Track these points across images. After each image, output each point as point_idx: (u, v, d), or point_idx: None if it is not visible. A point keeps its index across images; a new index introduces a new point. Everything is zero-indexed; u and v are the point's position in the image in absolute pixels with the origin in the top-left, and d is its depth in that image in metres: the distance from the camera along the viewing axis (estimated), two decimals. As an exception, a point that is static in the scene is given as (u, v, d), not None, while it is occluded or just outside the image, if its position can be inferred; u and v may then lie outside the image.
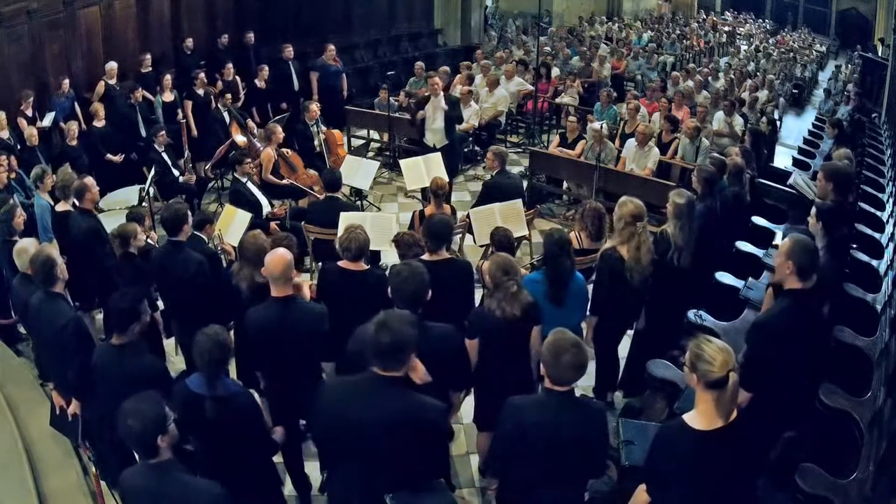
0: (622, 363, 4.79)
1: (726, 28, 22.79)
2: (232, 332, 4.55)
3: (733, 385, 2.44)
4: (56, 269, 3.72)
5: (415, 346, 2.63)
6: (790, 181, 6.40)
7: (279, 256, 3.45)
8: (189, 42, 9.77)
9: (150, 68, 9.08)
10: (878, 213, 6.00)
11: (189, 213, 4.62)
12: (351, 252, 3.81)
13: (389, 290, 3.16)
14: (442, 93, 8.14)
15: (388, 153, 9.80)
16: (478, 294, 4.56)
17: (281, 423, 3.59)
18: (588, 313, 4.31)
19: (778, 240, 5.45)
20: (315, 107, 8.50)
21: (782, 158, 9.35)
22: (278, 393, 3.68)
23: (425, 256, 4.00)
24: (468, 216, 5.84)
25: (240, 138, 8.14)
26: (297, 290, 3.67)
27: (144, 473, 2.55)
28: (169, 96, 8.68)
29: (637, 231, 4.17)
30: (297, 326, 3.44)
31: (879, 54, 14.70)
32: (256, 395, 4.21)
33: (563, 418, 2.69)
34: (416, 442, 2.64)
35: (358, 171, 7.19)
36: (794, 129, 12.52)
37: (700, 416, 2.50)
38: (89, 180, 5.22)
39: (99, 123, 7.84)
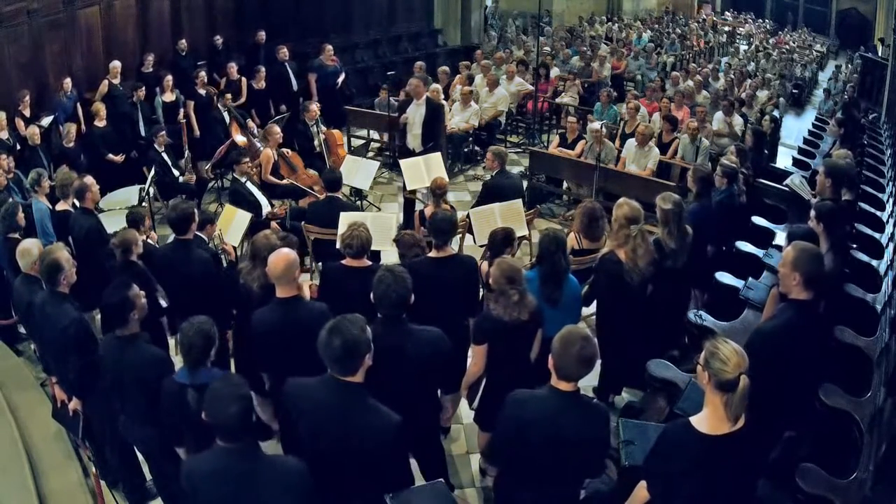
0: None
1: (726, 28, 22.79)
2: (230, 333, 4.58)
3: (743, 390, 2.40)
4: (60, 276, 3.71)
5: (368, 349, 2.63)
6: (786, 181, 6.37)
7: (282, 256, 3.45)
8: (183, 43, 9.68)
9: (153, 69, 9.07)
10: (878, 213, 6.00)
11: (195, 212, 4.65)
12: (353, 249, 3.80)
13: (372, 296, 3.12)
14: (425, 98, 7.64)
15: (388, 153, 9.79)
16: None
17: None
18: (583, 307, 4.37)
19: (778, 240, 5.45)
20: (315, 107, 8.49)
21: (782, 158, 9.35)
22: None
23: (431, 253, 4.03)
24: (468, 216, 5.84)
25: (240, 138, 8.15)
26: (297, 290, 3.67)
27: (222, 457, 2.44)
28: (170, 96, 8.65)
29: (632, 234, 4.17)
30: (302, 326, 3.44)
31: (879, 54, 14.67)
32: (259, 398, 4.26)
33: (565, 417, 2.68)
34: (369, 451, 2.64)
35: (358, 171, 7.18)
36: (794, 129, 12.51)
37: (707, 419, 2.48)
38: (89, 179, 5.23)
39: (100, 123, 7.82)
